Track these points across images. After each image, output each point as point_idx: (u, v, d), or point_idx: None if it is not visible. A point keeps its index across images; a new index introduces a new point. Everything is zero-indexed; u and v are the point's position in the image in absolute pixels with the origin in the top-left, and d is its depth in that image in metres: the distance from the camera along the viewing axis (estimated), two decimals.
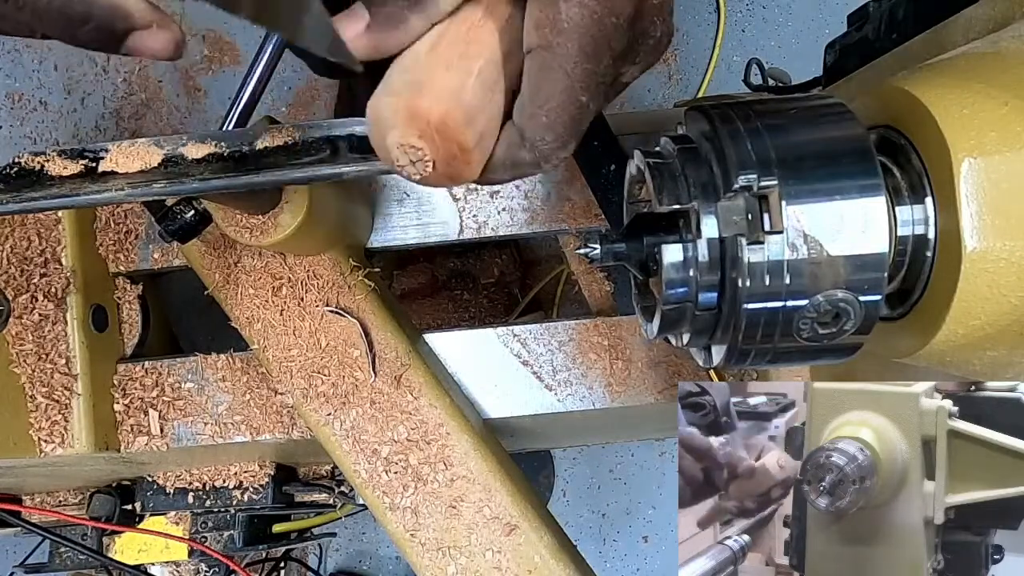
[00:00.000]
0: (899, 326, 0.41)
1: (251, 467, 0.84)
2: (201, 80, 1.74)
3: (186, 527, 0.84)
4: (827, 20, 1.65)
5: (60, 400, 0.72)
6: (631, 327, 0.76)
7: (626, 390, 0.75)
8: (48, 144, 1.71)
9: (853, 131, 0.38)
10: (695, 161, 0.40)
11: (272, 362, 0.71)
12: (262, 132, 0.45)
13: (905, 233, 0.39)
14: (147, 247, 0.79)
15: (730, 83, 1.65)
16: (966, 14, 0.44)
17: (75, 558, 0.86)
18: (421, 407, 0.70)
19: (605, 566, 1.63)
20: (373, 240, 0.77)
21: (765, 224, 0.36)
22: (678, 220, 0.40)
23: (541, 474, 1.62)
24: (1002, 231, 0.35)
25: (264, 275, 0.71)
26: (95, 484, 0.85)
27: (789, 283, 0.36)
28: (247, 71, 0.55)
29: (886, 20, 0.52)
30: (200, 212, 0.57)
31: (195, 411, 0.76)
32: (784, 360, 0.40)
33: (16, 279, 0.72)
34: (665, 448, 1.63)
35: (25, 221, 0.74)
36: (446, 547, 0.69)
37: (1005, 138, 0.35)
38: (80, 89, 1.73)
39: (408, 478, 0.70)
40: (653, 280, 0.44)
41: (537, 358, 0.77)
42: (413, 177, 0.38)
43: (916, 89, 0.38)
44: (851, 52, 0.57)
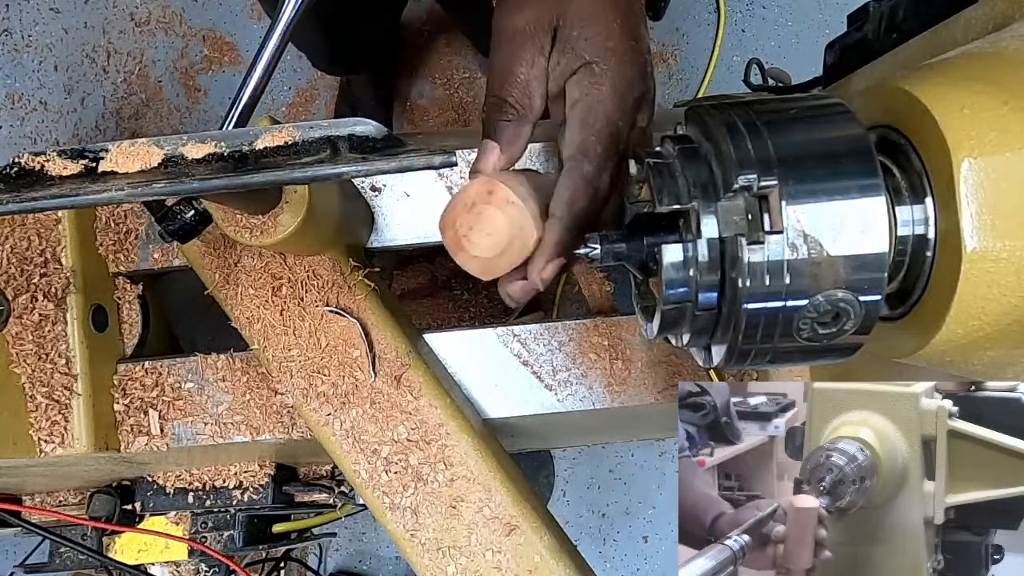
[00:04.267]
0: (899, 326, 0.41)
1: (251, 467, 0.84)
2: (201, 80, 1.74)
3: (186, 527, 0.84)
4: (827, 20, 1.65)
5: (60, 400, 0.72)
6: (631, 327, 0.76)
7: (626, 390, 0.75)
8: (48, 144, 1.71)
9: (853, 131, 0.38)
10: (695, 161, 0.40)
11: (272, 362, 0.71)
12: (262, 132, 0.45)
13: (905, 233, 0.39)
14: (147, 247, 0.79)
15: (730, 83, 1.65)
16: (966, 14, 0.44)
17: (75, 558, 0.86)
18: (421, 407, 0.70)
19: (605, 566, 1.63)
20: (373, 240, 0.77)
21: (765, 224, 0.36)
22: (678, 220, 0.40)
23: (541, 474, 1.62)
24: (1002, 231, 0.35)
25: (264, 275, 0.71)
26: (95, 484, 0.85)
27: (789, 283, 0.36)
28: (247, 71, 0.55)
29: (886, 20, 0.52)
30: (200, 212, 0.56)
31: (195, 411, 0.76)
32: (784, 360, 0.40)
33: (16, 279, 0.72)
34: (665, 448, 1.63)
35: (25, 221, 0.74)
36: (446, 547, 0.69)
37: (1005, 138, 0.35)
38: (80, 89, 1.74)
39: (408, 478, 0.70)
40: (653, 280, 0.44)
41: (537, 358, 0.77)
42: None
43: (916, 89, 0.38)
44: (851, 52, 0.57)
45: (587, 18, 0.48)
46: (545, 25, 0.48)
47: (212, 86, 1.74)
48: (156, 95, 1.73)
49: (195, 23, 1.75)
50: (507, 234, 0.45)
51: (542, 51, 0.48)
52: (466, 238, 0.45)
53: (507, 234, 0.45)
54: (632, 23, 0.49)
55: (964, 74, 0.38)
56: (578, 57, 0.48)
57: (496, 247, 0.45)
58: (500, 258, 0.45)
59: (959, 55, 0.40)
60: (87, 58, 1.75)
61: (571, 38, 0.48)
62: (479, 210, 0.45)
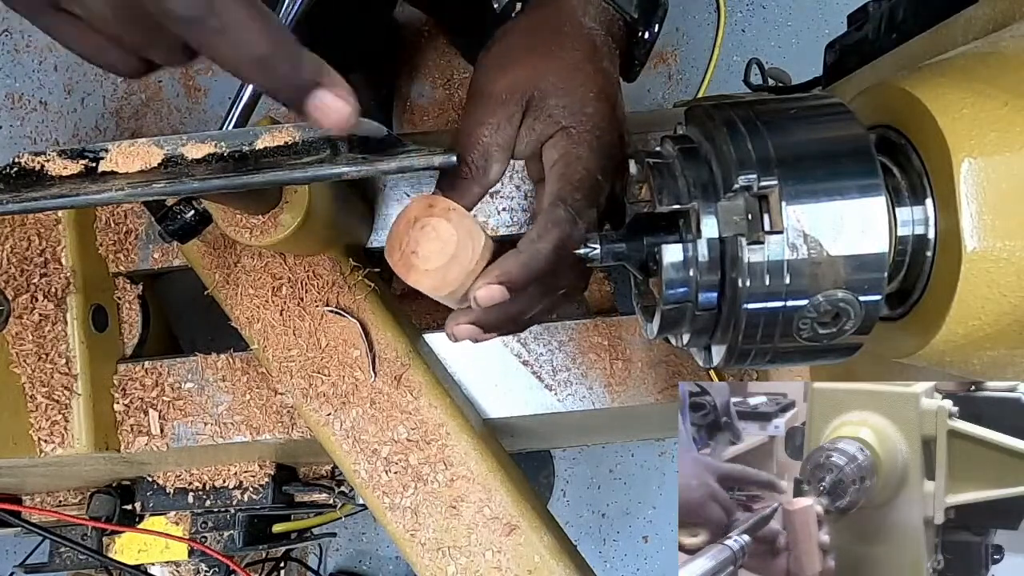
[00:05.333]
0: (899, 326, 0.41)
1: (251, 467, 0.84)
2: (201, 80, 1.74)
3: (186, 527, 0.84)
4: (827, 20, 1.65)
5: (60, 400, 0.72)
6: (631, 327, 0.76)
7: (626, 390, 0.75)
8: (48, 144, 1.71)
9: (853, 131, 0.38)
10: (695, 161, 0.40)
11: (272, 362, 0.71)
12: (262, 132, 0.45)
13: (905, 233, 0.39)
14: (147, 247, 0.79)
15: (730, 83, 1.65)
16: (966, 14, 0.44)
17: (75, 558, 0.86)
18: (421, 407, 0.70)
19: (605, 566, 1.63)
20: (373, 240, 0.77)
21: (765, 224, 0.36)
22: (678, 220, 0.40)
23: (541, 474, 1.62)
24: (1002, 231, 0.35)
25: (264, 275, 0.72)
26: (95, 484, 0.85)
27: (789, 283, 0.36)
28: None
29: (886, 20, 0.52)
30: (200, 212, 0.56)
31: (195, 411, 0.76)
32: (784, 360, 0.40)
33: (16, 279, 0.72)
34: (665, 448, 1.63)
35: (25, 221, 0.74)
36: (446, 547, 0.69)
37: (1005, 138, 0.35)
38: (80, 89, 1.73)
39: (408, 478, 0.70)
40: (653, 280, 0.44)
41: (537, 358, 0.77)
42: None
43: (916, 89, 0.38)
44: (851, 52, 0.57)
45: (564, 88, 0.48)
46: (518, 95, 0.48)
47: (212, 86, 1.73)
48: (156, 95, 1.73)
49: None
50: (455, 237, 0.45)
51: (510, 120, 0.48)
52: (415, 254, 0.45)
53: (455, 237, 0.45)
54: (608, 92, 0.50)
55: (964, 74, 0.38)
56: (555, 123, 0.48)
57: (446, 252, 0.45)
58: (451, 265, 0.45)
59: (959, 55, 0.40)
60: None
61: (547, 106, 0.48)
62: (423, 223, 0.45)
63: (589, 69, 0.50)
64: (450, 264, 0.45)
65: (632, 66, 0.56)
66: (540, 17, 0.52)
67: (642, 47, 0.55)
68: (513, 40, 0.51)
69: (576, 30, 0.51)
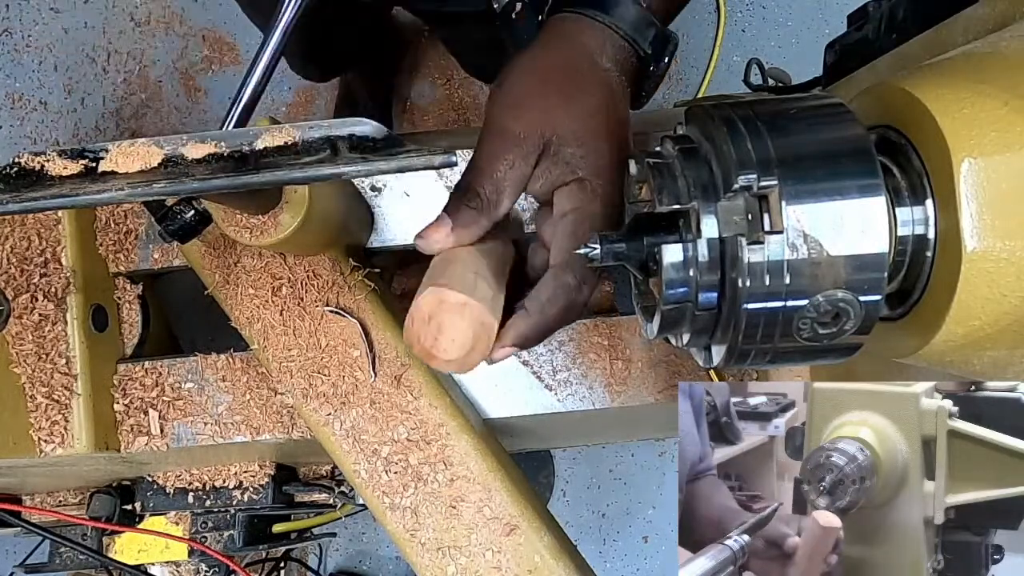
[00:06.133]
0: (899, 326, 0.41)
1: (251, 467, 0.84)
2: (201, 80, 1.74)
3: (186, 527, 0.84)
4: (827, 20, 1.65)
5: (60, 400, 0.72)
6: (631, 327, 0.76)
7: (626, 390, 0.75)
8: (48, 144, 1.71)
9: (853, 131, 0.38)
10: (695, 161, 0.40)
11: (272, 362, 0.71)
12: (262, 132, 0.45)
13: (905, 233, 0.39)
14: (147, 247, 0.79)
15: (730, 83, 1.65)
16: (966, 14, 0.44)
17: (75, 558, 0.86)
18: (421, 407, 0.70)
19: (605, 566, 1.63)
20: (373, 240, 0.77)
21: (765, 224, 0.36)
22: (678, 220, 0.40)
23: (541, 474, 1.62)
24: (1002, 231, 0.35)
25: (264, 275, 0.72)
26: (95, 484, 0.85)
27: (789, 283, 0.36)
28: (247, 71, 0.56)
29: (886, 20, 0.52)
30: (200, 212, 0.57)
31: (195, 411, 0.76)
32: (784, 360, 0.40)
33: (16, 279, 0.72)
34: (665, 448, 1.63)
35: (25, 221, 0.74)
36: (446, 547, 0.69)
37: (1005, 138, 0.35)
38: (80, 89, 1.73)
39: (408, 478, 0.70)
40: (653, 280, 0.44)
41: (537, 358, 0.77)
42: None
43: (916, 89, 0.38)
44: (851, 52, 0.57)
45: (582, 138, 0.49)
46: (537, 137, 0.48)
47: (212, 86, 1.74)
48: (156, 95, 1.73)
49: (195, 23, 1.75)
50: (471, 333, 0.47)
51: (526, 159, 0.49)
52: (434, 347, 0.47)
53: (471, 333, 0.47)
54: (624, 146, 0.50)
55: (964, 74, 0.38)
56: (571, 171, 0.49)
57: (464, 347, 0.47)
58: (472, 354, 0.48)
59: (959, 55, 0.40)
60: (87, 58, 1.75)
61: (565, 153, 0.49)
62: (437, 321, 0.47)
63: (607, 117, 0.50)
64: (469, 355, 0.48)
65: (640, 98, 0.57)
66: (559, 56, 0.52)
67: (652, 81, 0.55)
68: (531, 78, 0.51)
69: (594, 72, 0.51)
